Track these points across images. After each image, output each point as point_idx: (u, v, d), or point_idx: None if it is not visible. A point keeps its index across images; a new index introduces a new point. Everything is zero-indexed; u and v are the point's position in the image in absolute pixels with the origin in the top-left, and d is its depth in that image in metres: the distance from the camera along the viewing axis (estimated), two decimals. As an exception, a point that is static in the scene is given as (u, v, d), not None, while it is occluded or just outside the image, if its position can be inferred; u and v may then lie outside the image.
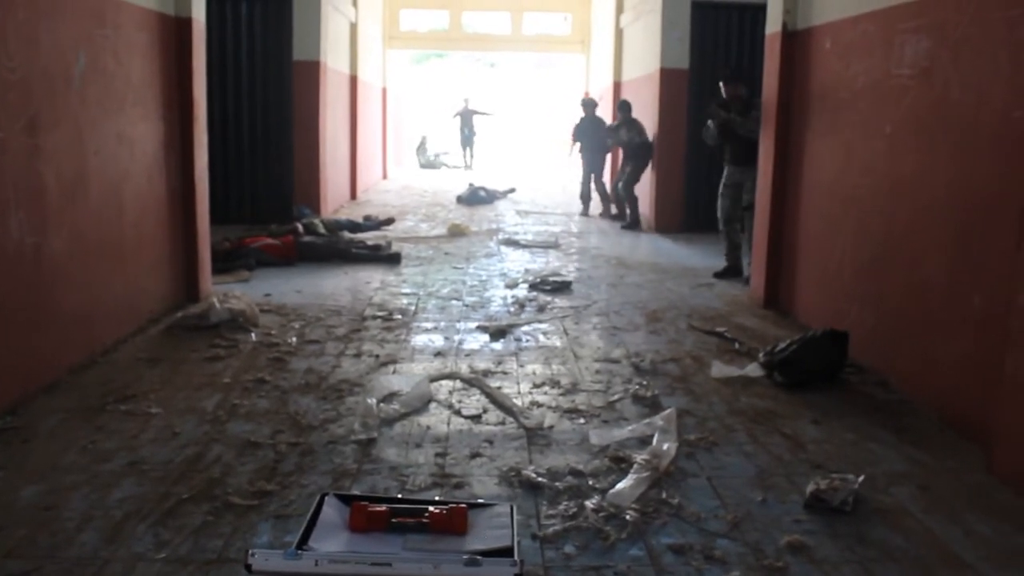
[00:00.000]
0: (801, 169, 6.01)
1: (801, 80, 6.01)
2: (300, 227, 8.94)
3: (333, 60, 11.66)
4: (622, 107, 11.50)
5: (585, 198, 12.73)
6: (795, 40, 6.07)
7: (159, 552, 2.79)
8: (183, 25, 5.96)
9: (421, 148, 23.39)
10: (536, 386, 4.61)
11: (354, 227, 10.08)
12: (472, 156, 23.12)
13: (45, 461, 3.49)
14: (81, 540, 2.86)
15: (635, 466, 3.48)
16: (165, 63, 5.81)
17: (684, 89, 10.43)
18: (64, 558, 2.75)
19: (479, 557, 2.30)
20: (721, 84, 7.67)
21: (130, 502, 3.14)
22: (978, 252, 3.91)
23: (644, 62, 11.57)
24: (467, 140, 22.98)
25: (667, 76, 10.46)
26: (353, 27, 13.37)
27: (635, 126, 11.08)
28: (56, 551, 2.79)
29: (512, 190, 15.62)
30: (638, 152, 11.04)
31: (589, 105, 12.78)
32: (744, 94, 7.50)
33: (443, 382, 4.64)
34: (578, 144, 12.83)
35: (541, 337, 5.65)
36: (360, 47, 13.78)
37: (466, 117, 22.87)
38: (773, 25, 6.31)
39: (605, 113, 13.03)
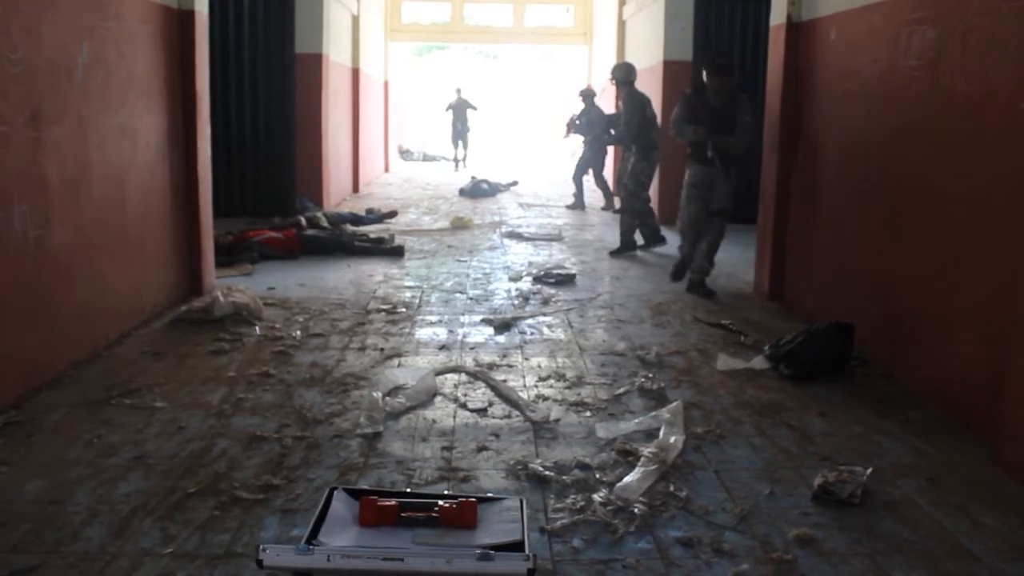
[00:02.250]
0: (806, 161, 5.98)
1: (806, 72, 5.98)
2: (303, 220, 8.93)
3: (335, 53, 11.63)
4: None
5: (579, 184, 12.55)
6: (800, 31, 6.04)
7: (166, 547, 2.79)
8: (186, 17, 5.94)
9: (406, 154, 23.11)
10: (541, 379, 4.60)
11: (357, 220, 10.06)
12: (465, 153, 20.37)
13: (50, 456, 3.48)
14: (87, 535, 2.85)
15: (642, 459, 3.47)
16: (168, 56, 5.79)
17: (688, 81, 10.38)
18: (70, 553, 2.74)
19: (492, 552, 2.28)
20: (705, 74, 6.62)
21: (136, 496, 3.13)
22: (983, 243, 3.89)
23: (647, 54, 11.53)
24: (459, 135, 20.16)
25: (670, 68, 10.43)
26: (355, 19, 13.34)
27: None
28: (61, 546, 2.78)
29: (515, 183, 15.60)
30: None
31: (589, 96, 12.73)
32: (733, 87, 6.62)
33: (448, 375, 4.63)
34: (575, 134, 12.79)
35: (546, 330, 5.64)
36: (362, 40, 13.74)
37: (459, 110, 20.15)
38: (778, 16, 6.28)
39: (608, 105, 12.97)
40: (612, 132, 11.29)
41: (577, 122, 12.79)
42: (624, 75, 9.19)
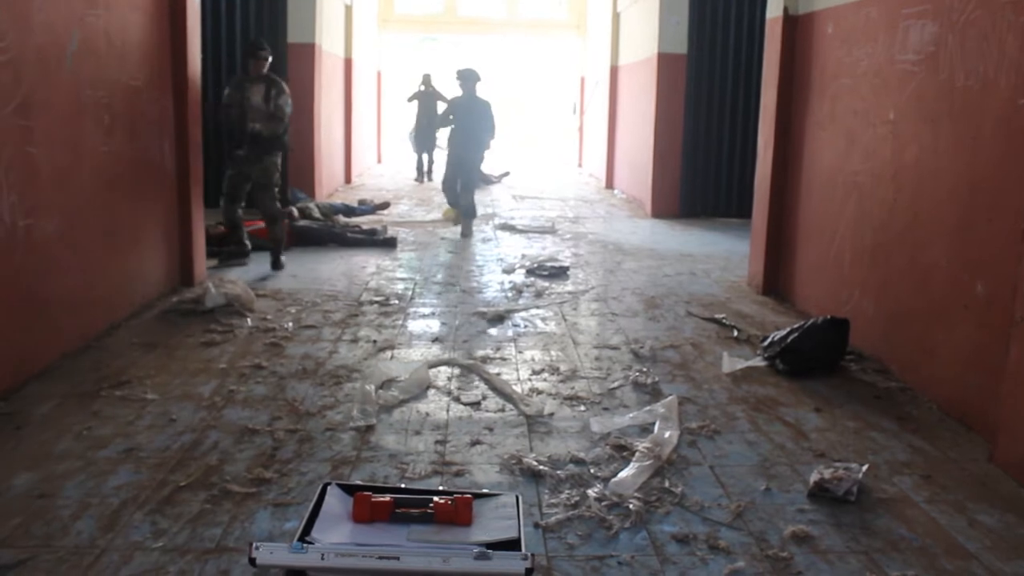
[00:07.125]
0: (801, 155, 5.96)
1: (802, 66, 5.95)
2: (295, 211, 8.87)
3: (328, 43, 11.55)
4: (464, 76, 9.24)
5: (452, 192, 9.49)
6: (797, 25, 6.01)
7: (156, 541, 2.75)
8: (177, 6, 5.87)
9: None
10: (535, 372, 4.57)
11: (349, 211, 10.02)
12: (432, 160, 15.10)
13: (39, 448, 3.44)
14: (76, 529, 2.82)
15: (637, 454, 3.45)
16: (159, 45, 5.72)
17: (682, 74, 10.38)
18: (59, 547, 2.70)
19: (489, 550, 2.25)
20: (251, 60, 6.84)
21: (126, 490, 3.09)
22: (981, 239, 3.87)
23: (642, 47, 11.48)
24: (424, 137, 14.95)
25: (665, 61, 10.39)
26: (348, 9, 13.25)
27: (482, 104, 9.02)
28: (51, 540, 2.74)
29: (507, 173, 15.53)
30: (482, 137, 9.28)
31: (470, 78, 9.32)
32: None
33: (441, 368, 4.60)
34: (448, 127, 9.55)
35: (539, 323, 5.61)
36: (355, 30, 13.66)
37: (426, 102, 14.82)
38: (774, 9, 6.25)
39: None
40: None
41: (451, 117, 9.45)
42: None
